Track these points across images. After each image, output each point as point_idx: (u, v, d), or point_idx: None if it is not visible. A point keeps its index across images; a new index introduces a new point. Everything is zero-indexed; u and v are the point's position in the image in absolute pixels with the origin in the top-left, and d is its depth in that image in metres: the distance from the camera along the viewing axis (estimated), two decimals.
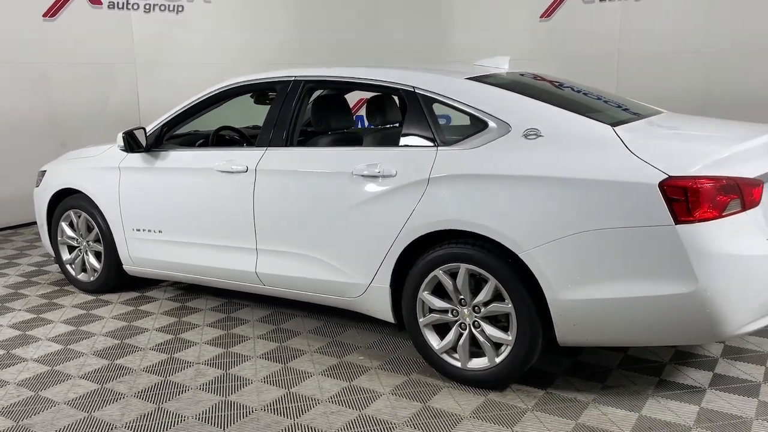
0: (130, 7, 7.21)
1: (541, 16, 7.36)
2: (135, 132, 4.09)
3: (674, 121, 3.40)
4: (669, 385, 3.14)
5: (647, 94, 6.56)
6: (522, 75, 3.80)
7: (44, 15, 6.67)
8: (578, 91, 3.67)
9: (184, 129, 4.59)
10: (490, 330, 3.05)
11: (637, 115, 3.37)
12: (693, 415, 2.86)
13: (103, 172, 4.39)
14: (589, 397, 3.04)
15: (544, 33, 7.37)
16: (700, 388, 3.11)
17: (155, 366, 3.48)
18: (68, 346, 3.75)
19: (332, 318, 4.07)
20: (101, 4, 7.02)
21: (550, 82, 3.78)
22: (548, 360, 3.38)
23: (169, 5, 7.42)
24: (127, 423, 2.91)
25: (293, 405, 3.04)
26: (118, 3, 7.12)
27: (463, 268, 3.04)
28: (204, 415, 2.96)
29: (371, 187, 3.31)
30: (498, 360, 3.04)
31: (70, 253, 4.73)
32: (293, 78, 3.77)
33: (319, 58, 7.79)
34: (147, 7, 7.31)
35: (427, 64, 3.94)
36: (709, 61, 6.23)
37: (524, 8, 7.46)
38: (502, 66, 3.86)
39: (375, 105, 4.18)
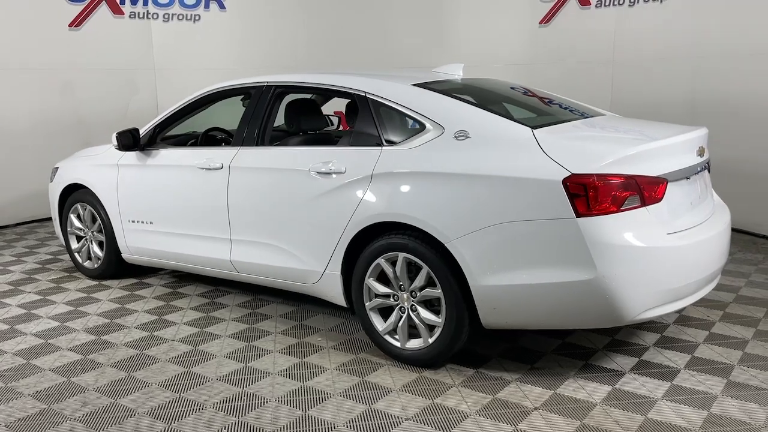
0: (150, 16, 7.72)
1: (540, 22, 7.57)
2: (127, 132, 4.52)
3: (606, 123, 3.64)
4: (593, 368, 3.39)
5: (641, 99, 6.74)
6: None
7: (70, 25, 7.23)
8: (547, 101, 3.98)
9: (184, 129, 5.01)
10: (425, 313, 3.35)
11: (581, 118, 3.64)
12: (603, 394, 3.11)
13: (104, 169, 4.84)
14: (514, 377, 3.31)
15: (544, 38, 7.57)
16: (620, 371, 3.35)
17: (135, 342, 3.88)
18: (64, 324, 4.19)
19: (304, 305, 4.42)
20: (123, 14, 7.54)
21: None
22: (487, 344, 3.66)
23: (186, 14, 7.90)
24: (98, 387, 3.31)
25: (246, 377, 3.39)
26: (138, 13, 7.64)
27: (401, 256, 3.36)
28: (166, 383, 3.34)
29: (325, 183, 3.65)
30: (431, 340, 3.34)
31: (77, 243, 5.20)
32: (265, 83, 4.14)
33: (327, 63, 8.16)
34: (166, 16, 7.81)
35: (384, 71, 4.26)
36: (704, 66, 6.32)
37: (524, 14, 7.68)
38: (456, 73, 4.15)
39: (350, 109, 4.52)
